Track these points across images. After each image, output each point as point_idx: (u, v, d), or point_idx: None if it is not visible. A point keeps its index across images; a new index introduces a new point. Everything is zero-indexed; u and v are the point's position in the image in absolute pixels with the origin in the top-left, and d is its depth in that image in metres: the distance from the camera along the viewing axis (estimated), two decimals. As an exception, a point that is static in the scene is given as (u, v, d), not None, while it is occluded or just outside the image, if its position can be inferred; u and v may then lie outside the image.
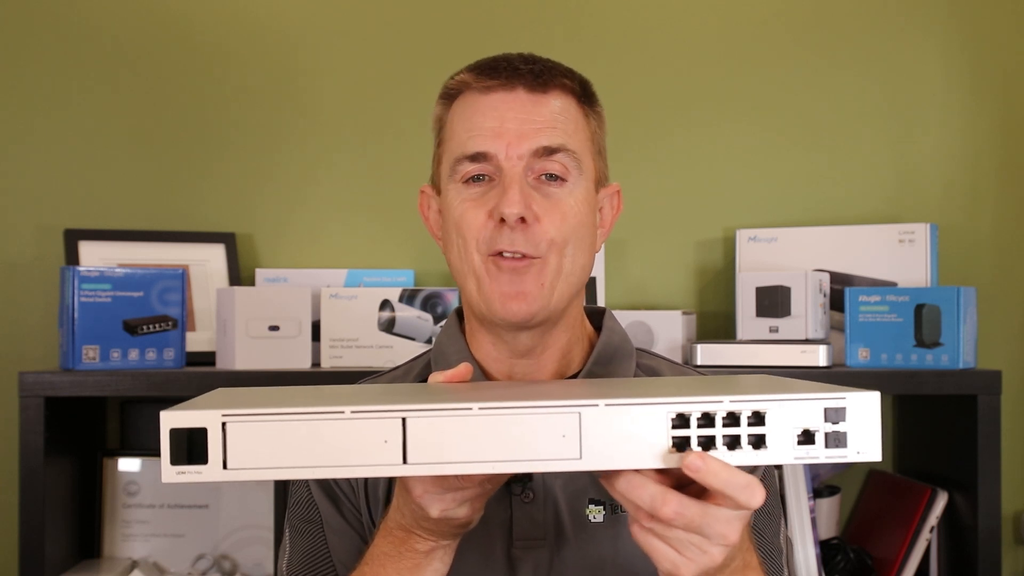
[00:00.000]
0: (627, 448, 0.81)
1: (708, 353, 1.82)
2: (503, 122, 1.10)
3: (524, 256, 1.10)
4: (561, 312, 1.14)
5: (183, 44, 2.06)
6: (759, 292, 1.89)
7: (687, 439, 0.81)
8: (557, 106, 1.12)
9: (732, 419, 0.81)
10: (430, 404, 0.81)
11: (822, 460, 0.81)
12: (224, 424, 0.80)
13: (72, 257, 1.93)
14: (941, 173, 2.11)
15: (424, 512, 0.91)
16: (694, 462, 0.80)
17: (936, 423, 1.93)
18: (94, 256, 1.94)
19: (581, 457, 0.81)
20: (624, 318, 1.85)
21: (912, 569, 1.85)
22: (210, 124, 2.06)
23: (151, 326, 1.79)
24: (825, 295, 1.92)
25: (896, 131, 2.11)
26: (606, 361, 1.18)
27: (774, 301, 1.88)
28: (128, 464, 1.94)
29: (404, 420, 0.80)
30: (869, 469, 2.09)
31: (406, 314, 1.86)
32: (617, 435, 0.81)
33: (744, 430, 0.81)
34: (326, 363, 1.85)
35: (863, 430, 0.82)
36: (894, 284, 1.94)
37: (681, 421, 0.81)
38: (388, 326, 1.86)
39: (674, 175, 2.11)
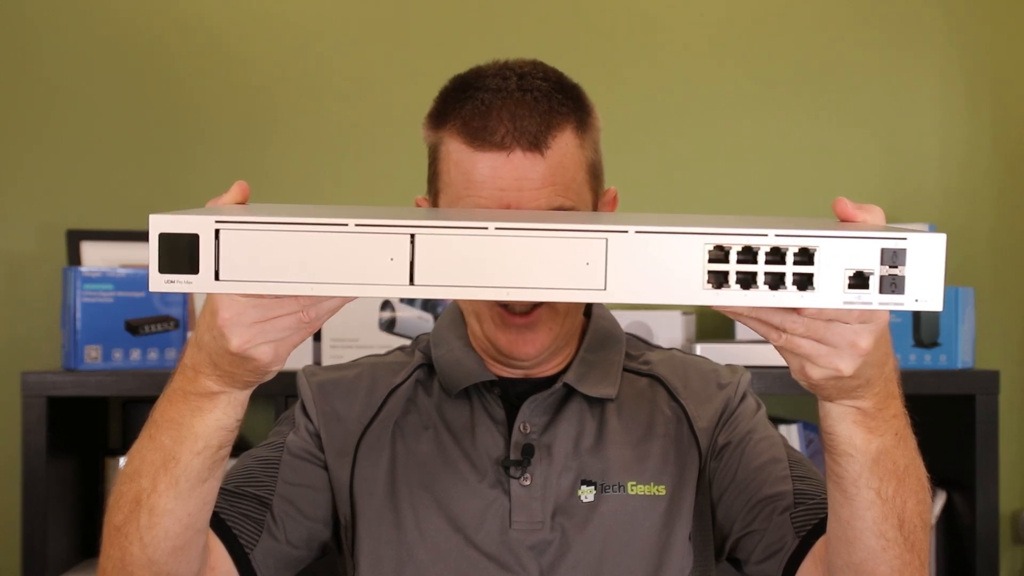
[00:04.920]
0: (657, 281, 0.72)
1: (707, 353, 1.78)
2: (500, 183, 1.06)
3: (533, 308, 1.11)
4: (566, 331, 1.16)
5: (186, 45, 2.06)
6: (759, 292, 1.89)
7: (724, 275, 0.72)
8: (555, 157, 1.08)
9: (777, 255, 0.72)
10: (442, 221, 0.73)
11: (875, 306, 0.73)
12: (218, 231, 0.73)
13: (74, 257, 1.93)
14: (941, 173, 2.11)
15: (224, 342, 0.83)
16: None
17: (934, 423, 1.93)
18: (96, 256, 1.95)
19: (606, 288, 0.73)
20: (623, 318, 1.85)
21: (911, 568, 1.85)
22: (213, 125, 2.07)
23: (153, 326, 1.80)
24: (824, 295, 1.91)
25: (896, 132, 2.11)
26: (596, 347, 1.20)
27: (774, 301, 1.87)
28: (130, 463, 1.94)
29: (413, 237, 0.73)
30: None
31: (407, 314, 1.87)
32: (646, 266, 0.72)
33: (789, 268, 0.72)
34: (327, 363, 1.85)
35: (924, 276, 0.74)
36: (893, 284, 1.94)
37: (719, 254, 0.72)
38: (389, 326, 1.87)
39: (673, 175, 2.11)
